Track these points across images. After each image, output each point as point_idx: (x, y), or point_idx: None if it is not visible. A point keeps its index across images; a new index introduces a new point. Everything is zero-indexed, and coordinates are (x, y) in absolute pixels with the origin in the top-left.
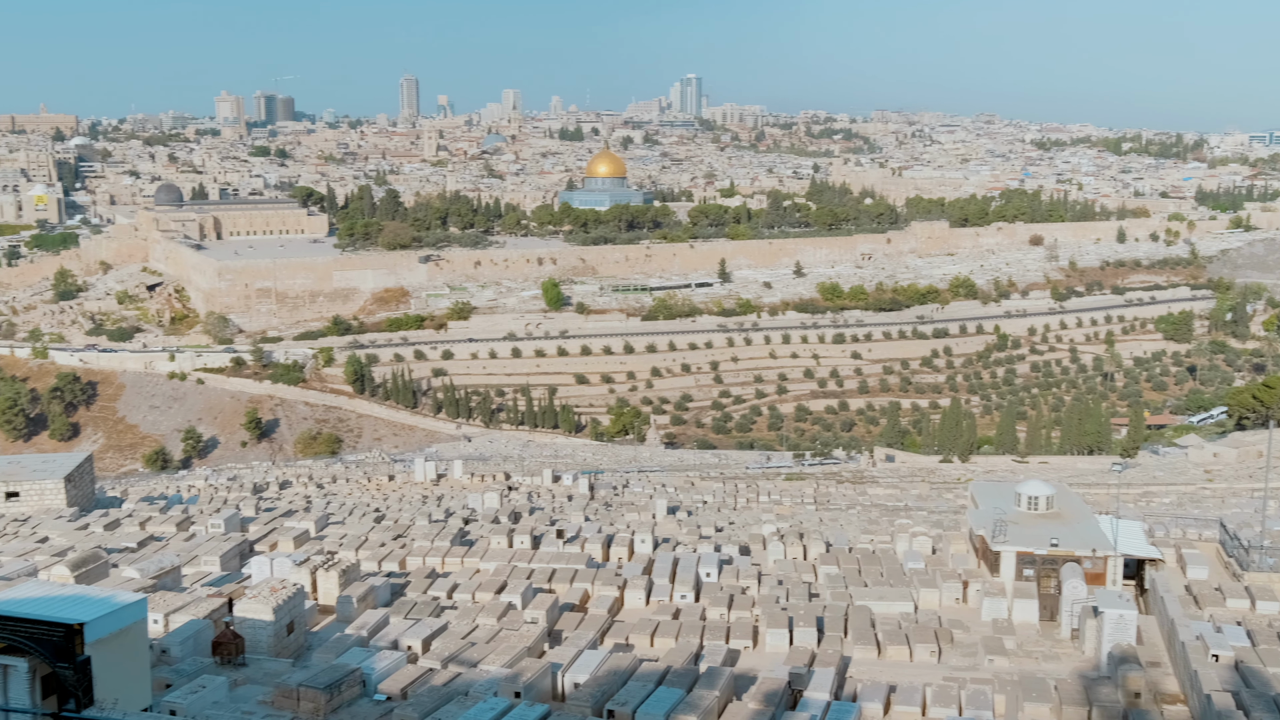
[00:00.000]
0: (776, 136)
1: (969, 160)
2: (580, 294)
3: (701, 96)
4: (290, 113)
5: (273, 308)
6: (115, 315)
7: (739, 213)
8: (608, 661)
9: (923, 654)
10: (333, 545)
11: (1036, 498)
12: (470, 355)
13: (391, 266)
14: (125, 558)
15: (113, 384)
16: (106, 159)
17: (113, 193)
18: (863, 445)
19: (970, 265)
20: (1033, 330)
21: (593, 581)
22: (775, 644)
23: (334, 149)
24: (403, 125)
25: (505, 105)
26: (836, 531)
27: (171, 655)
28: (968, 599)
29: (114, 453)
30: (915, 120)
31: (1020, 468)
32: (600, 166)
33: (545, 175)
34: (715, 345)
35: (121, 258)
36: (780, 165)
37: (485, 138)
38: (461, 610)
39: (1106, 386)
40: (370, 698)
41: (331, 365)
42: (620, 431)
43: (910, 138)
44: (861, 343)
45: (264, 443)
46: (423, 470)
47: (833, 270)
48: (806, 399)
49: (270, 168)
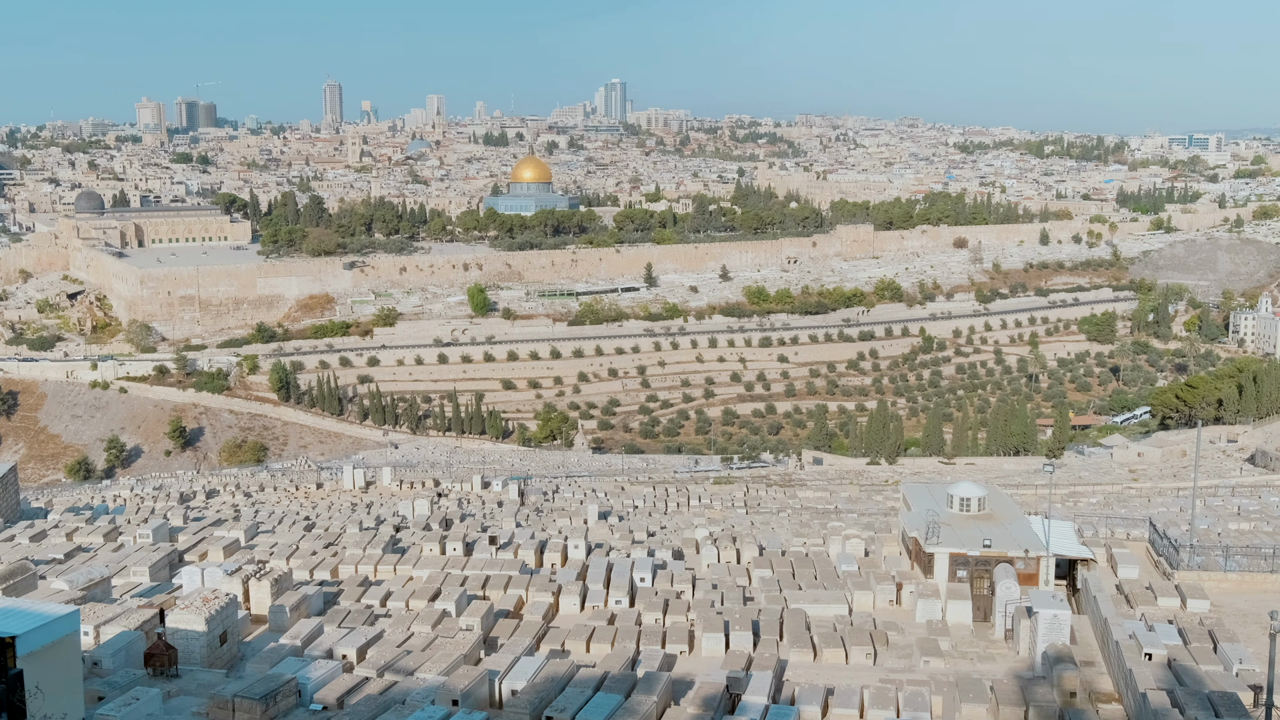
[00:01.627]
0: (701, 141)
1: (893, 164)
2: (507, 299)
3: (626, 101)
4: (212, 119)
5: (196, 315)
6: (36, 324)
7: (665, 217)
8: (545, 668)
9: (859, 656)
10: (263, 554)
11: (968, 499)
12: (396, 361)
13: (316, 273)
14: (53, 569)
15: (34, 393)
16: (25, 166)
17: (32, 200)
18: (790, 448)
19: (895, 268)
20: (958, 332)
21: (527, 588)
22: (712, 648)
23: (257, 155)
24: (326, 131)
25: (429, 111)
26: (769, 535)
27: (103, 667)
28: (901, 601)
29: (35, 463)
30: (839, 124)
31: (947, 469)
32: (525, 172)
33: (470, 181)
34: (642, 350)
35: (42, 266)
36: (705, 170)
37: (409, 143)
38: (396, 618)
39: (1031, 387)
40: (306, 708)
41: (256, 373)
42: (548, 437)
43: (834, 141)
44: (788, 346)
45: (188, 451)
46: (351, 478)
47: (759, 274)
48: (734, 402)
49: (192, 174)
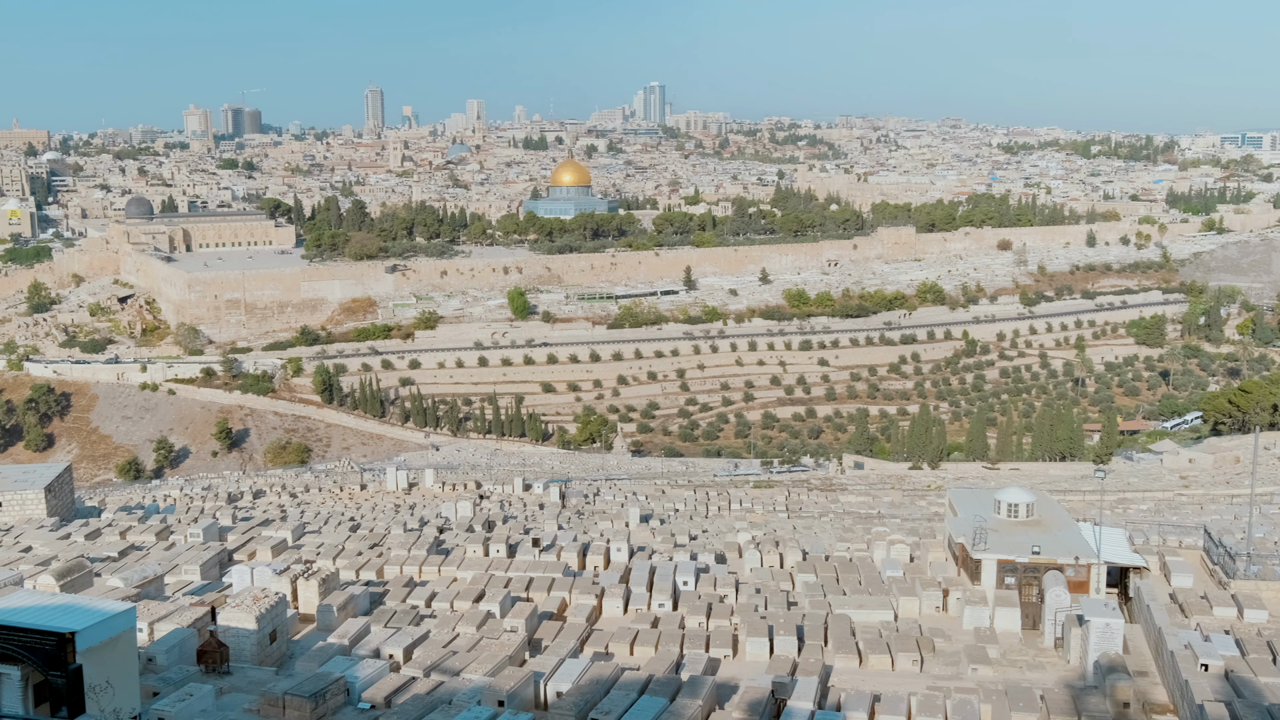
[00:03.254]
0: (741, 143)
1: (935, 165)
2: (546, 303)
3: (665, 104)
4: (257, 125)
5: (242, 319)
6: (88, 327)
7: (704, 220)
8: (589, 670)
9: (905, 663)
10: (310, 554)
11: (1017, 505)
12: (437, 364)
13: (358, 277)
14: (108, 567)
15: (86, 395)
16: (78, 173)
17: (84, 206)
18: (831, 452)
19: (938, 270)
20: (1002, 335)
21: (570, 590)
22: (756, 653)
23: (300, 161)
24: (368, 136)
25: (469, 115)
26: (811, 539)
27: (158, 664)
28: (948, 607)
29: (88, 463)
30: (880, 125)
31: (991, 474)
32: (565, 175)
33: (510, 185)
34: (681, 353)
35: (94, 270)
36: (745, 172)
37: (450, 148)
38: (441, 619)
39: (1078, 392)
40: (355, 706)
41: (300, 375)
42: (587, 440)
43: (875, 143)
44: (828, 349)
45: (234, 452)
46: (395, 479)
47: (799, 277)
48: (773, 406)
49: (238, 180)
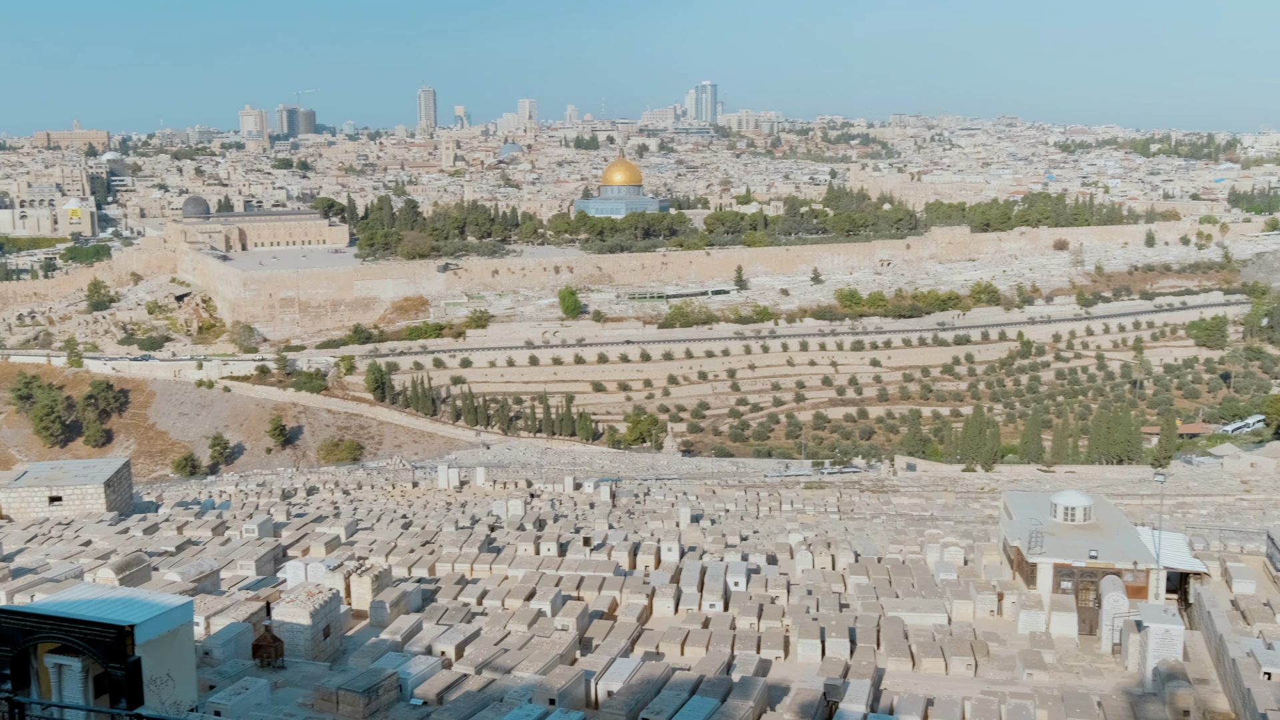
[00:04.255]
0: (793, 142)
1: (990, 164)
2: (597, 302)
3: (717, 103)
4: (312, 125)
5: (296, 317)
6: (146, 325)
7: (755, 219)
8: (640, 670)
9: (959, 667)
10: (363, 551)
11: (1073, 508)
12: (488, 363)
13: (411, 276)
14: (165, 561)
15: (144, 392)
16: (137, 173)
17: (143, 206)
18: (883, 454)
19: (992, 271)
20: (1058, 337)
21: (621, 589)
22: (807, 655)
23: (354, 160)
24: (421, 136)
25: (521, 115)
26: (864, 541)
27: (214, 657)
28: (1003, 611)
29: (145, 459)
30: (934, 124)
31: (1047, 477)
32: (616, 175)
33: (561, 184)
34: (732, 353)
35: (151, 269)
36: (797, 171)
37: (502, 147)
38: (492, 616)
39: (1135, 394)
40: (407, 702)
41: (353, 373)
42: (637, 439)
43: (929, 142)
44: (881, 350)
45: (288, 449)
46: (446, 477)
47: (851, 277)
48: (825, 407)
49: (293, 180)
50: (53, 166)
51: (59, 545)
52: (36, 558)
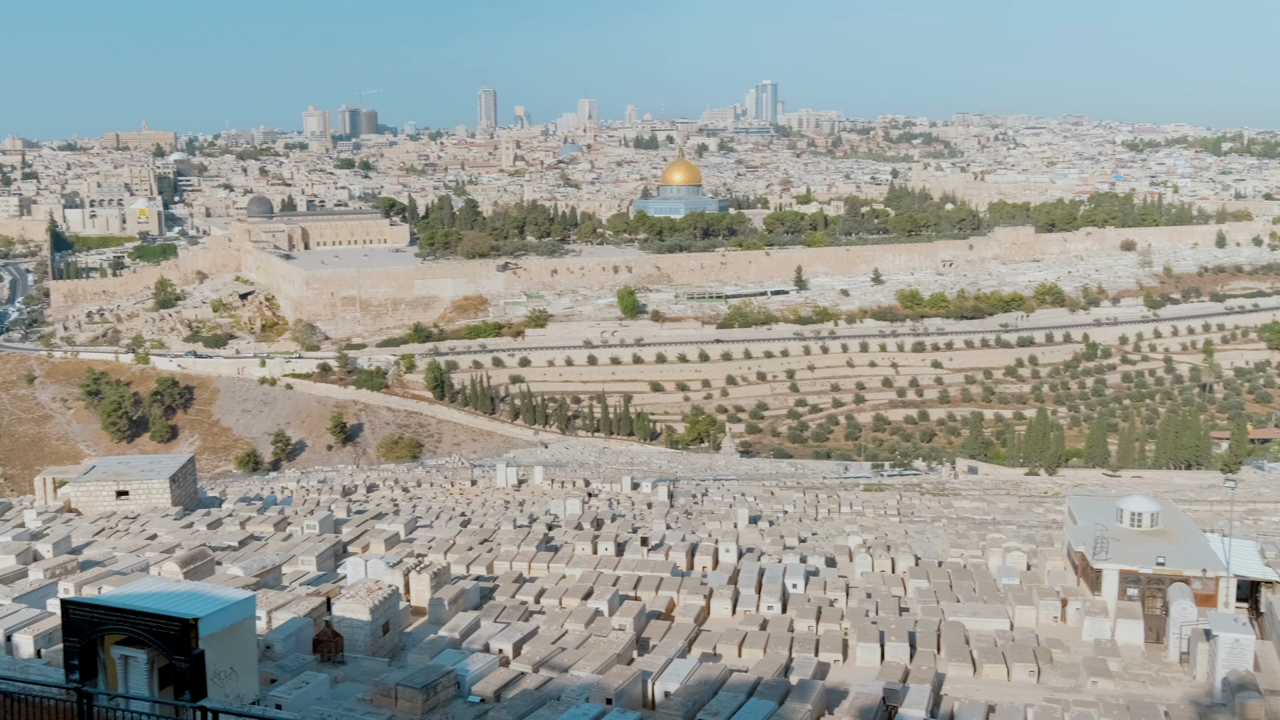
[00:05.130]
0: (854, 142)
1: (1056, 163)
2: (656, 302)
3: (777, 102)
4: (374, 126)
5: (357, 315)
6: (211, 323)
7: (816, 219)
8: (697, 671)
9: (1021, 673)
10: (422, 548)
11: (1140, 514)
12: (547, 362)
13: (470, 275)
14: (228, 556)
15: (208, 388)
16: (203, 173)
17: (208, 205)
18: (944, 456)
19: (1057, 272)
20: (1124, 339)
21: (678, 590)
22: (866, 658)
23: (415, 160)
24: (481, 136)
25: (581, 115)
26: (924, 544)
27: (275, 651)
28: (1067, 618)
29: (209, 454)
30: (998, 123)
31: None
32: (675, 174)
33: (620, 184)
34: (791, 353)
35: (216, 267)
36: (858, 171)
37: (561, 147)
38: (550, 615)
39: (1205, 398)
40: (465, 699)
41: (413, 372)
42: (695, 439)
43: (993, 141)
44: (942, 351)
45: (348, 446)
46: (504, 475)
47: (912, 277)
48: (885, 408)
49: (355, 179)
50: (121, 167)
51: (125, 539)
52: (104, 551)
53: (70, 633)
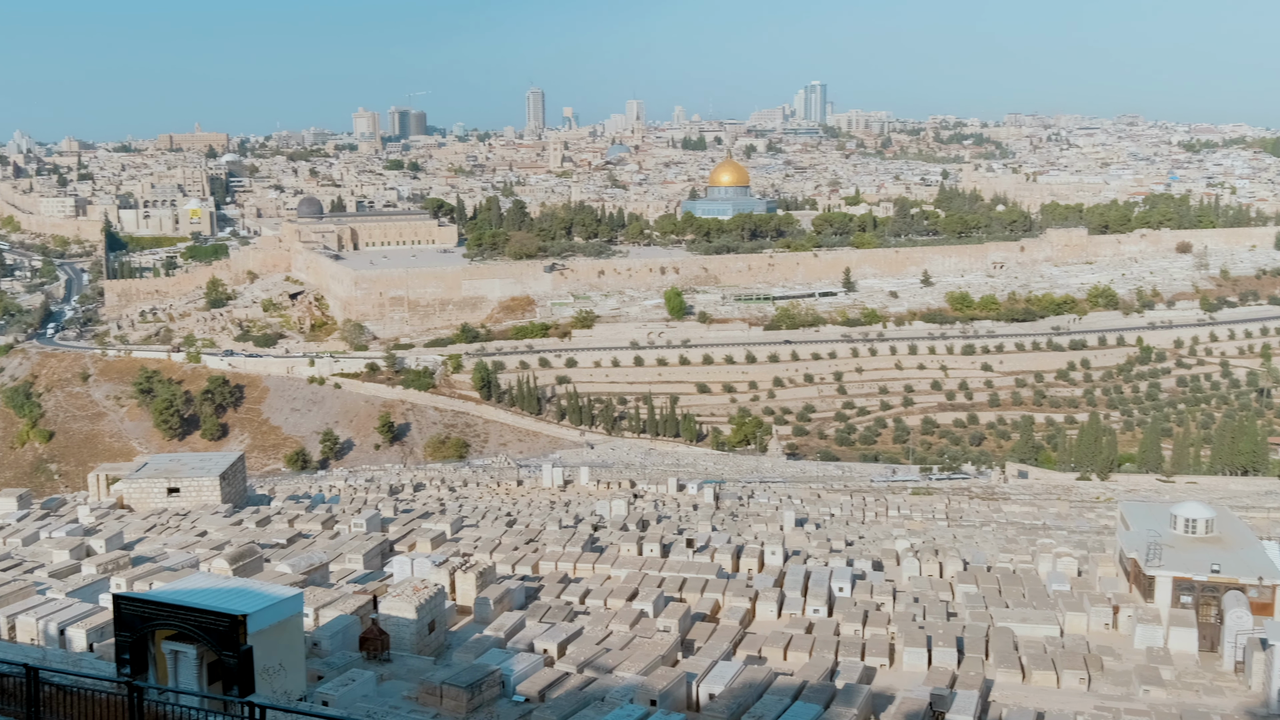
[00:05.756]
0: (903, 143)
1: (1110, 164)
2: (703, 303)
3: (826, 103)
4: (422, 127)
5: (405, 315)
6: (261, 322)
7: (864, 221)
8: (742, 674)
9: (1071, 680)
10: (468, 547)
11: (1195, 520)
12: (593, 363)
13: (518, 276)
14: (277, 553)
15: (258, 387)
16: (254, 174)
17: (259, 206)
18: (994, 460)
19: (1111, 274)
20: (1179, 342)
21: (723, 592)
22: (913, 663)
23: (463, 161)
24: (529, 137)
25: (629, 116)
26: (972, 549)
27: (322, 648)
28: (1118, 625)
29: (259, 452)
30: (1051, 123)
31: (1166, 488)
32: (723, 175)
33: (668, 185)
34: (839, 355)
35: (267, 267)
36: (907, 172)
37: (609, 148)
38: (594, 616)
39: (1262, 403)
40: (509, 698)
41: (460, 372)
42: (742, 441)
43: (1046, 141)
44: (992, 354)
45: (396, 446)
46: (550, 476)
47: (962, 279)
48: (934, 411)
49: (403, 180)
50: (175, 168)
51: (176, 535)
52: (155, 547)
53: (122, 627)
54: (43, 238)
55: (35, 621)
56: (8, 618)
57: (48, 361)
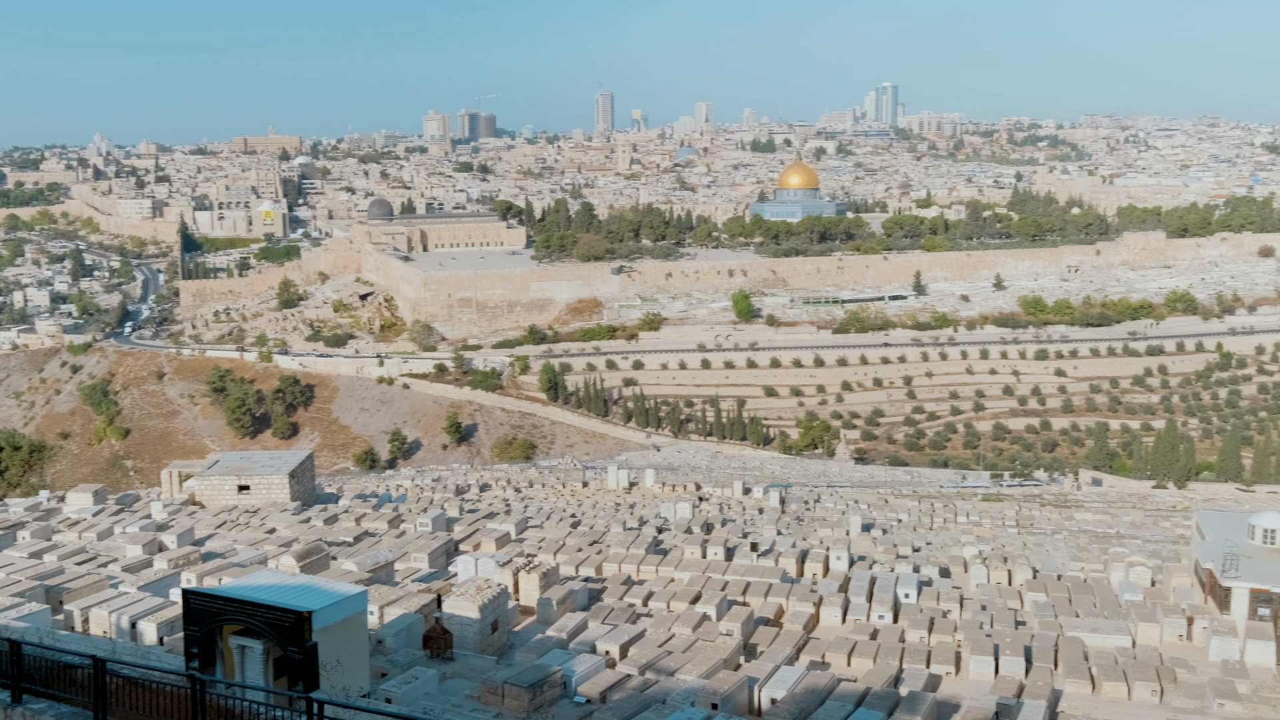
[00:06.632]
0: (976, 145)
1: (1189, 166)
2: (770, 306)
3: (897, 105)
4: (492, 130)
5: (473, 317)
6: (331, 323)
7: (935, 223)
8: (805, 679)
9: (1142, 693)
10: (532, 548)
11: (1274, 530)
12: (660, 365)
13: (585, 278)
14: (343, 551)
15: (328, 387)
16: (326, 176)
17: (331, 208)
18: (1067, 467)
19: (1190, 278)
20: (1261, 349)
21: (787, 596)
22: (980, 671)
23: (532, 164)
24: (598, 140)
25: (698, 118)
26: (1043, 557)
27: (386, 646)
28: (1193, 637)
29: (328, 451)
30: (1129, 124)
31: (1246, 497)
32: (792, 178)
33: (737, 187)
34: (909, 359)
35: (338, 269)
36: (980, 174)
37: (677, 151)
38: (657, 618)
39: None
40: (571, 699)
41: (527, 373)
42: (809, 445)
43: (1123, 143)
44: (1066, 359)
45: (463, 446)
46: (616, 478)
47: (1035, 283)
48: (1005, 417)
49: (473, 183)
50: (249, 170)
51: (246, 532)
52: (225, 543)
53: (191, 622)
54: (121, 239)
55: (108, 615)
56: (81, 610)
57: (124, 360)
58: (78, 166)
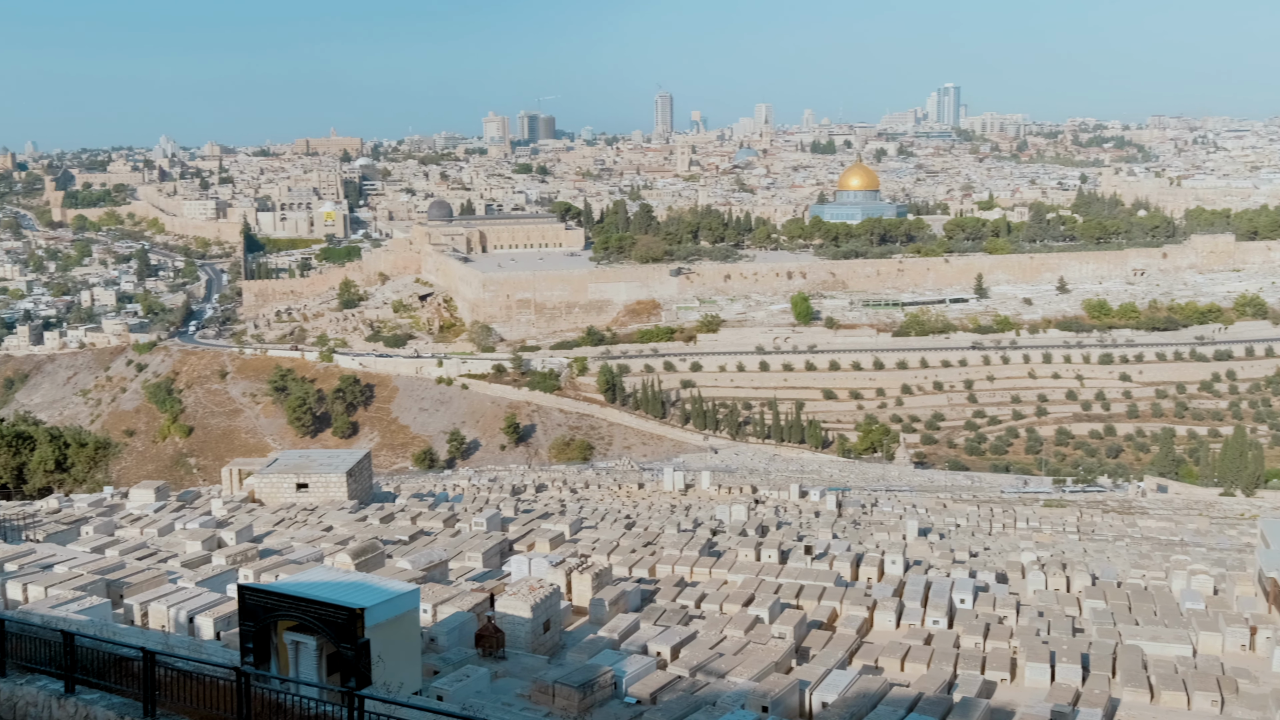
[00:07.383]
0: (1040, 146)
1: (1260, 168)
2: (830, 308)
3: (959, 106)
4: (551, 131)
5: (531, 318)
6: (391, 323)
7: (998, 226)
8: (857, 683)
9: (1203, 703)
10: (586, 549)
11: None
12: (718, 368)
13: (643, 279)
14: (398, 549)
15: (387, 387)
16: (386, 178)
17: (391, 209)
18: (1131, 473)
19: (1260, 282)
20: None
21: (841, 600)
22: (1035, 679)
23: (591, 165)
24: (657, 141)
25: (757, 119)
26: (1103, 564)
27: (439, 644)
28: (1256, 647)
29: (387, 450)
30: (1198, 125)
31: None
32: (852, 179)
33: (796, 189)
34: (970, 363)
35: (397, 269)
36: (1044, 176)
37: (737, 152)
38: (709, 620)
39: None
40: (621, 699)
41: (585, 374)
42: (868, 449)
43: (1191, 144)
44: (1131, 364)
45: (521, 447)
46: (671, 480)
47: (1100, 286)
48: (1068, 422)
49: (532, 184)
50: (310, 172)
51: (303, 529)
52: (282, 540)
53: (246, 617)
54: (185, 239)
55: (166, 609)
56: (140, 605)
57: (188, 359)
58: (144, 168)
